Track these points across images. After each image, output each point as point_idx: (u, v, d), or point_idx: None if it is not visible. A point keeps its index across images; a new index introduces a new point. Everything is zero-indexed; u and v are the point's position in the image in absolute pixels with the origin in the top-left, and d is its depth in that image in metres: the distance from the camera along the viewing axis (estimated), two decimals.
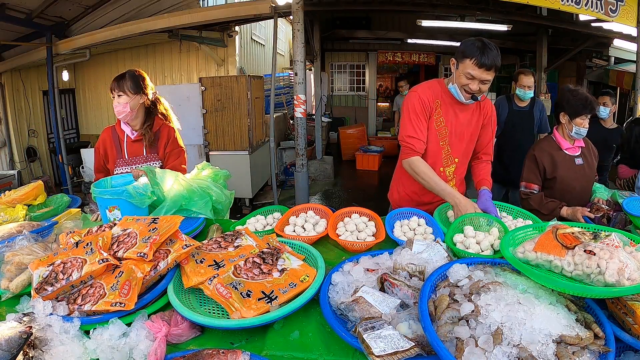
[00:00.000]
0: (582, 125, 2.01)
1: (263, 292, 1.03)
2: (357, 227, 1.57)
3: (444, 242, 1.35)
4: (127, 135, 2.02)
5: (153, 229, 1.18)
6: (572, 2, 4.15)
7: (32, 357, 0.85)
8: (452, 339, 0.84)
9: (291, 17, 4.32)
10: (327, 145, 9.04)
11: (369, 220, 1.64)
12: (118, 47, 6.74)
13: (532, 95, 3.28)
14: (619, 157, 3.73)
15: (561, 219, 1.89)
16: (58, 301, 1.02)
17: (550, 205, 1.98)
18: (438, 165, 1.87)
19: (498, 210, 1.67)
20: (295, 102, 4.24)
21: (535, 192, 2.06)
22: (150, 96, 2.03)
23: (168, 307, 1.06)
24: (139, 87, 1.96)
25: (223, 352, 0.86)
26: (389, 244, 1.45)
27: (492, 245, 1.38)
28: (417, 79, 13.54)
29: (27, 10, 5.26)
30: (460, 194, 1.70)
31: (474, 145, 1.95)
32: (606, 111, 3.32)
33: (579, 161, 2.09)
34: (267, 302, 1.00)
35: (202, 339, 1.00)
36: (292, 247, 1.31)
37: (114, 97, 1.95)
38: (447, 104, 1.81)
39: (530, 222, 1.58)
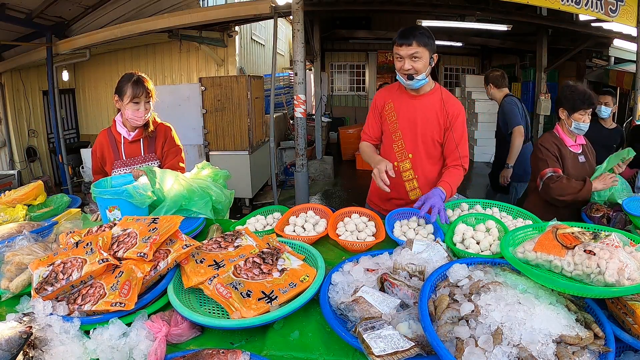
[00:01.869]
0: (581, 121, 2.00)
1: (263, 292, 1.03)
2: (357, 227, 1.57)
3: (444, 242, 1.35)
4: (123, 137, 2.02)
5: (153, 229, 1.18)
6: (572, 2, 4.15)
7: (32, 357, 0.85)
8: (452, 339, 0.84)
9: (291, 17, 4.32)
10: (327, 145, 9.04)
11: (369, 220, 1.64)
12: (118, 47, 6.75)
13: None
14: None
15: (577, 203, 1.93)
16: (58, 301, 1.02)
17: (578, 184, 1.92)
18: (393, 159, 1.95)
19: (442, 210, 1.59)
20: (295, 102, 4.24)
21: (562, 175, 1.99)
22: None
23: (168, 307, 1.06)
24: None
25: (223, 352, 0.86)
26: (389, 244, 1.45)
27: (491, 245, 1.38)
28: None
29: (27, 10, 5.26)
30: (380, 157, 1.84)
31: (435, 145, 1.91)
32: (608, 111, 3.27)
33: (582, 159, 2.08)
34: (267, 302, 1.00)
35: (202, 339, 1.00)
36: (292, 247, 1.31)
37: (138, 103, 1.90)
38: (401, 99, 1.91)
39: (530, 222, 1.57)
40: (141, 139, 2.03)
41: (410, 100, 1.88)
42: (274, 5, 5.00)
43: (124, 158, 2.02)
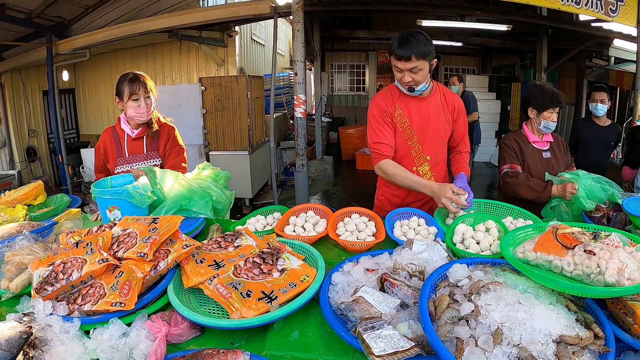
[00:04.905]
0: (550, 119, 2.02)
1: (263, 292, 1.03)
2: (357, 227, 1.57)
3: (444, 242, 1.35)
4: (127, 134, 2.03)
5: (153, 229, 1.18)
6: (572, 2, 4.15)
7: (32, 357, 0.85)
8: (452, 339, 0.84)
9: (291, 17, 4.32)
10: (327, 145, 9.04)
11: (369, 220, 1.64)
12: (118, 47, 6.74)
13: (457, 89, 5.00)
14: (619, 155, 3.72)
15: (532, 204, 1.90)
16: (58, 301, 1.02)
17: (539, 183, 1.94)
18: (410, 165, 1.90)
19: (472, 195, 1.63)
20: (295, 102, 4.24)
21: (520, 172, 2.05)
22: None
23: (168, 307, 1.06)
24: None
25: (223, 352, 0.86)
26: (389, 244, 1.45)
27: (491, 245, 1.38)
28: None
29: (27, 10, 5.26)
30: (435, 182, 1.72)
31: (446, 142, 1.94)
32: (604, 109, 3.21)
33: (546, 155, 2.10)
34: (267, 302, 1.00)
35: (202, 339, 1.00)
36: (292, 247, 1.31)
37: (137, 99, 1.91)
38: (407, 103, 1.84)
39: (531, 222, 1.57)
40: (144, 137, 2.04)
41: (419, 104, 1.84)
42: (274, 5, 5.00)
43: (127, 155, 2.03)
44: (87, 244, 1.13)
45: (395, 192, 1.98)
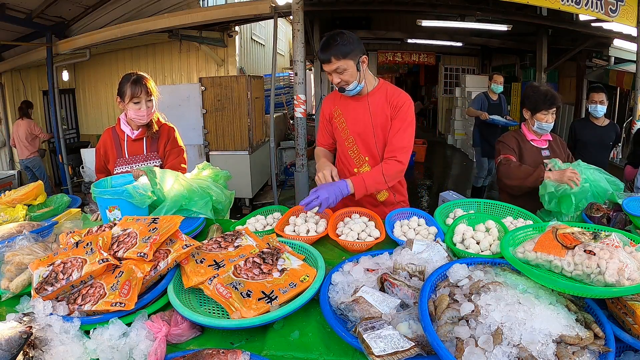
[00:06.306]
0: (543, 120, 2.03)
1: (263, 292, 1.03)
2: (357, 227, 1.57)
3: (444, 242, 1.35)
4: (127, 135, 2.03)
5: (153, 229, 1.18)
6: (572, 2, 4.15)
7: (32, 357, 0.85)
8: (452, 339, 0.84)
9: (291, 17, 4.32)
10: None
11: (369, 220, 1.64)
12: (118, 47, 6.75)
13: (502, 89, 5.02)
14: (619, 154, 3.70)
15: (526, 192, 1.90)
16: (58, 301, 1.02)
17: (528, 169, 1.93)
18: (352, 166, 1.92)
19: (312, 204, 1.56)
20: (295, 102, 4.24)
21: (514, 161, 2.05)
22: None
23: (168, 307, 1.06)
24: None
25: (223, 352, 0.86)
26: (389, 244, 1.45)
27: (491, 245, 1.38)
28: (417, 79, 13.53)
29: (27, 10, 5.27)
30: (325, 163, 1.82)
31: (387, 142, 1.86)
32: (603, 109, 3.20)
33: (545, 153, 2.11)
34: (267, 302, 1.00)
35: (202, 339, 1.00)
36: (292, 247, 1.31)
37: (138, 102, 1.90)
38: (346, 104, 1.88)
39: (531, 222, 1.57)
40: (144, 138, 2.04)
41: (356, 103, 1.84)
42: (274, 5, 5.00)
43: (127, 156, 2.03)
44: (87, 244, 1.13)
45: None
